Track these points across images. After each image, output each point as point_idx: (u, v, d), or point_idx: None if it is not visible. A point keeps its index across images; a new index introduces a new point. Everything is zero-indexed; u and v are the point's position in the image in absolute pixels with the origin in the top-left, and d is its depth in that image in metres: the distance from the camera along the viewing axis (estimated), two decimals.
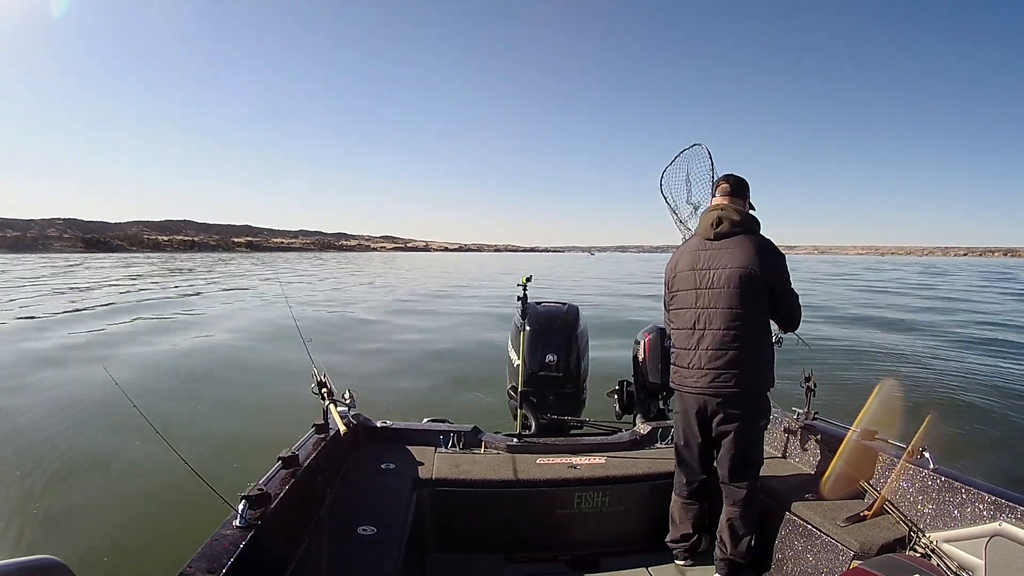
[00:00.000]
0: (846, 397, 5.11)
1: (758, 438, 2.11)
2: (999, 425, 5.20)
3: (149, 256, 69.64)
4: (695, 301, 2.06)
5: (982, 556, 1.63)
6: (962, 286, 26.33)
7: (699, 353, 2.03)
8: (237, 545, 1.36)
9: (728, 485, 2.08)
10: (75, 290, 19.02)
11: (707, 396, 2.03)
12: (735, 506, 2.05)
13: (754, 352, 2.00)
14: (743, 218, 2.07)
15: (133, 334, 10.07)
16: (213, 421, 5.31)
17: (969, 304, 15.50)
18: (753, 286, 1.97)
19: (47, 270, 31.48)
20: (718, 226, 2.06)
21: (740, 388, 1.98)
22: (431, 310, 14.02)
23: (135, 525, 3.40)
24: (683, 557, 2.23)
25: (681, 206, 3.12)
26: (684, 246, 2.23)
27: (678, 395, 2.19)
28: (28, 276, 26.94)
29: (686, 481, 2.21)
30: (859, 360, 7.71)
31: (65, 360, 7.80)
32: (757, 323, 2.02)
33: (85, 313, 13.03)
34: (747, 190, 2.20)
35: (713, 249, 2.06)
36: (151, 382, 6.69)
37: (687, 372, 2.08)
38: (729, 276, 1.98)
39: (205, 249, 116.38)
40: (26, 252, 71.38)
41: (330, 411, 2.23)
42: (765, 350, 2.05)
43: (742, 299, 1.97)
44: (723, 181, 2.21)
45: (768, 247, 2.03)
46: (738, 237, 2.03)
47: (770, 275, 1.99)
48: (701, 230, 2.13)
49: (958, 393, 6.29)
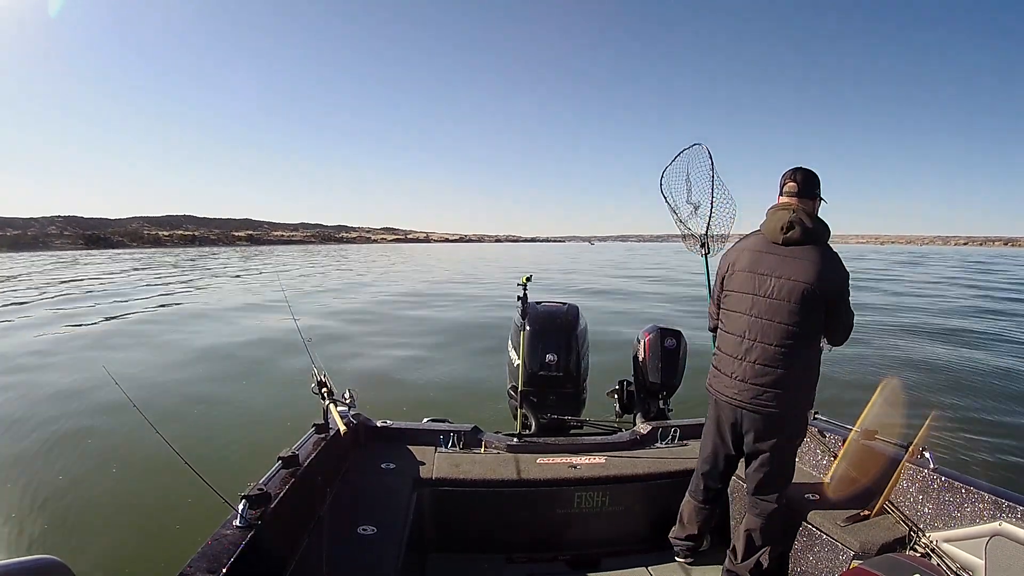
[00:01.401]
0: (846, 397, 5.11)
1: (793, 454, 2.00)
2: (999, 425, 5.20)
3: (145, 251, 69.52)
4: (750, 307, 1.91)
5: (982, 556, 1.64)
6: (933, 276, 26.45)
7: (745, 365, 1.90)
8: (237, 545, 1.36)
9: (755, 497, 1.99)
10: (73, 287, 19.03)
11: (746, 411, 1.92)
12: (759, 518, 1.97)
13: (804, 372, 1.88)
14: (816, 226, 1.87)
15: (132, 334, 10.07)
16: (213, 421, 5.31)
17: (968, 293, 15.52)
18: (815, 303, 1.81)
19: (46, 266, 31.57)
20: (788, 231, 1.86)
21: (783, 409, 1.87)
22: (431, 310, 14.02)
23: (135, 525, 3.40)
24: (684, 556, 2.22)
25: (681, 206, 3.13)
26: (745, 243, 2.01)
27: (712, 401, 2.06)
28: (23, 274, 26.96)
29: (704, 487, 2.13)
30: (859, 359, 7.71)
31: (64, 359, 7.80)
32: (812, 342, 1.88)
33: (83, 311, 13.03)
34: (818, 187, 1.94)
35: (779, 255, 1.88)
36: (151, 382, 6.69)
37: (728, 381, 1.95)
38: (792, 289, 1.82)
39: (206, 243, 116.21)
40: (26, 250, 71.31)
41: (330, 411, 2.23)
42: (814, 370, 1.91)
43: (802, 316, 1.82)
44: (791, 178, 1.94)
45: (836, 262, 1.86)
46: (808, 247, 1.85)
47: (834, 293, 1.83)
48: (768, 230, 1.92)
49: (958, 393, 6.29)
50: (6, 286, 20.97)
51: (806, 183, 1.92)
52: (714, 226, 2.97)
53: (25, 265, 36.71)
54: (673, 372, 3.06)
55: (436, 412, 3.11)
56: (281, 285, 20.71)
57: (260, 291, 18.46)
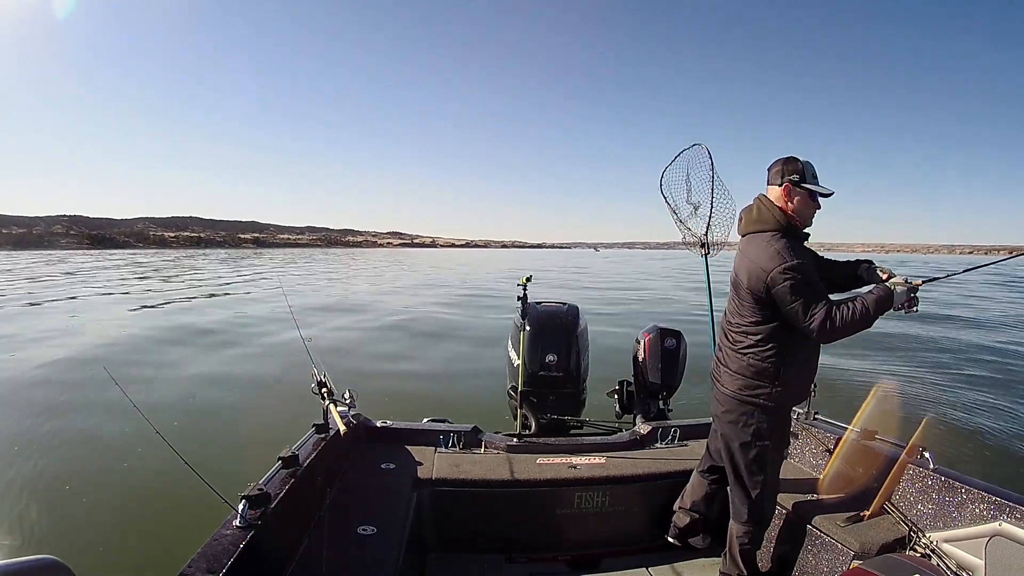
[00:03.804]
0: (846, 397, 5.10)
1: (763, 448, 2.00)
2: (999, 425, 5.19)
3: (146, 253, 69.14)
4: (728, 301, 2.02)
5: (982, 556, 1.63)
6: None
7: (720, 354, 2.01)
8: (237, 545, 1.36)
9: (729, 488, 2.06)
10: (74, 286, 19.03)
11: (717, 398, 2.03)
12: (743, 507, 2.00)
13: (758, 363, 1.91)
14: (760, 214, 1.87)
15: (132, 334, 10.07)
16: (213, 421, 5.31)
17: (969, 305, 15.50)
18: (753, 291, 1.84)
19: (50, 267, 31.49)
20: (739, 222, 1.96)
21: (743, 397, 1.94)
22: (431, 309, 14.02)
23: (135, 525, 3.40)
24: (680, 541, 2.24)
25: (681, 206, 3.13)
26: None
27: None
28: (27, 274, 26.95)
29: (709, 467, 2.19)
30: (859, 358, 7.71)
31: (64, 359, 7.80)
32: (764, 331, 1.89)
33: (83, 310, 13.02)
34: (786, 173, 1.84)
35: (739, 249, 1.95)
36: (150, 382, 6.69)
37: (715, 371, 2.05)
38: (735, 281, 1.91)
39: (212, 245, 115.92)
40: (30, 248, 71.23)
41: (330, 411, 2.23)
42: (772, 361, 1.90)
43: (745, 305, 1.89)
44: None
45: (768, 250, 1.78)
46: (748, 237, 1.90)
47: (766, 280, 1.77)
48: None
49: (958, 392, 6.29)
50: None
51: (769, 171, 1.90)
52: (714, 226, 2.97)
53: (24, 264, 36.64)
54: (673, 372, 3.06)
55: (436, 412, 3.11)
56: (281, 286, 20.71)
57: (260, 291, 18.46)
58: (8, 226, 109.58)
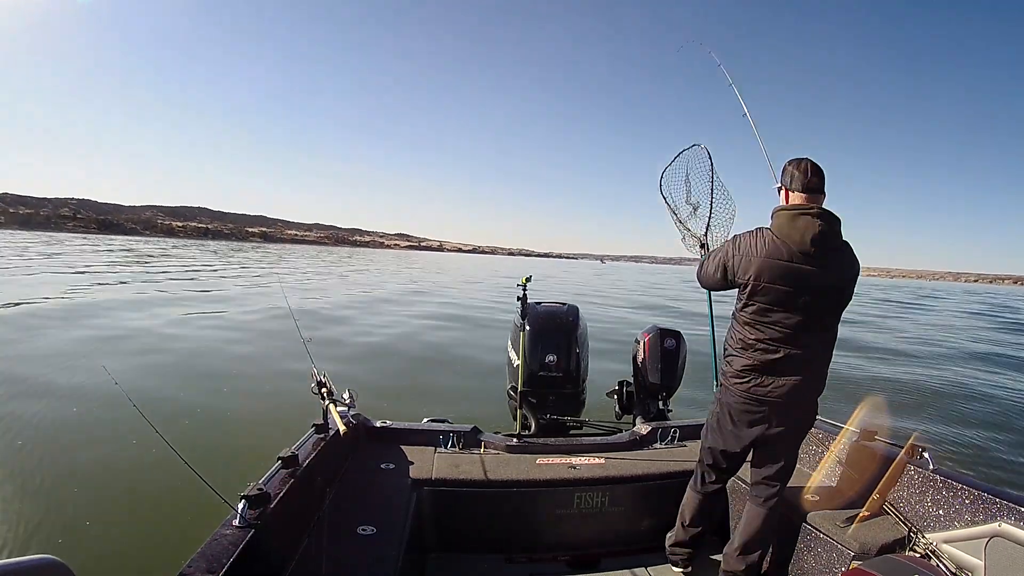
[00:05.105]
0: (846, 397, 5.10)
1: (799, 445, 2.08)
2: (999, 425, 5.19)
3: (148, 241, 68.90)
4: (786, 318, 1.79)
5: (982, 556, 1.63)
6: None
7: (783, 366, 1.83)
8: (237, 545, 1.36)
9: (762, 489, 2.00)
10: (71, 274, 18.99)
11: (778, 407, 1.88)
12: (766, 511, 1.97)
13: (826, 367, 1.90)
14: (840, 228, 1.80)
15: (131, 334, 10.07)
16: (213, 421, 5.31)
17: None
18: (844, 302, 1.84)
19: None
20: (822, 242, 1.75)
21: (811, 402, 1.91)
22: (431, 310, 14.02)
23: (135, 525, 3.40)
24: (683, 566, 2.16)
25: (681, 206, 3.12)
26: (764, 248, 1.81)
27: (731, 396, 1.97)
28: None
29: (710, 480, 2.11)
30: (859, 359, 7.71)
31: (64, 359, 7.80)
32: (834, 337, 1.90)
33: (81, 308, 13.02)
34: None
35: (812, 266, 1.75)
36: (150, 381, 6.68)
37: (761, 379, 1.87)
38: (827, 295, 1.79)
39: (219, 237, 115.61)
40: (37, 230, 71.15)
41: (330, 411, 2.23)
42: (830, 363, 1.91)
43: (834, 317, 1.84)
44: (814, 172, 1.80)
45: (855, 257, 1.84)
46: (837, 251, 1.80)
47: (854, 285, 1.87)
48: (795, 240, 1.76)
49: (958, 391, 6.29)
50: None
51: (823, 177, 1.80)
52: (714, 227, 2.97)
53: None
54: (673, 373, 3.06)
55: (436, 412, 3.12)
56: (282, 286, 20.71)
57: (260, 292, 18.45)
58: (15, 206, 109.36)
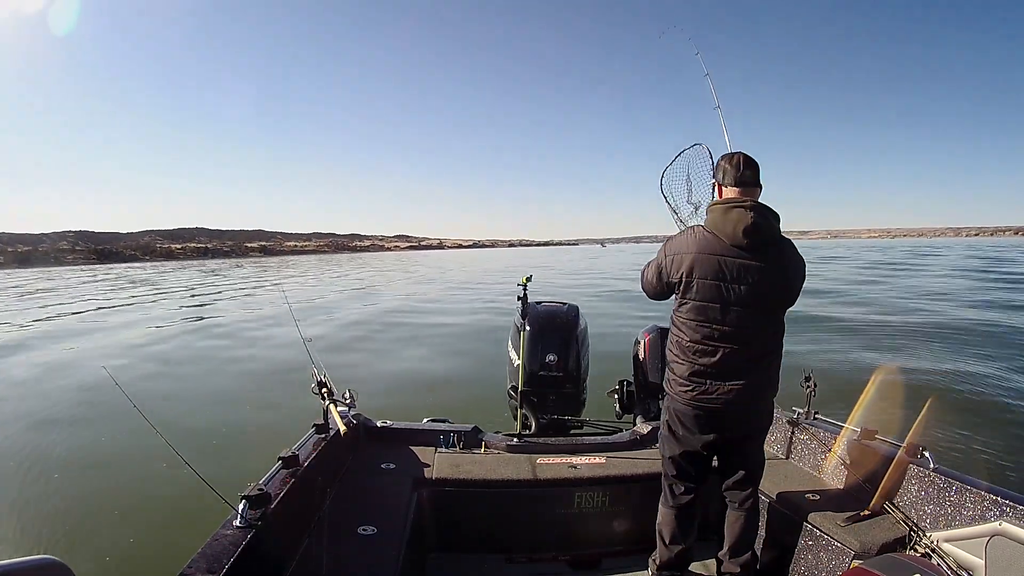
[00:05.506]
0: (846, 397, 5.10)
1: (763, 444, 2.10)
2: (999, 424, 5.19)
3: (144, 266, 68.67)
4: (721, 315, 1.80)
5: (982, 556, 1.63)
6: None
7: (724, 369, 1.83)
8: (237, 545, 1.36)
9: (736, 492, 2.01)
10: (76, 295, 19.01)
11: (728, 410, 1.88)
12: (746, 511, 1.98)
13: (774, 367, 1.93)
14: (776, 223, 1.82)
15: (133, 336, 10.07)
16: (213, 421, 5.31)
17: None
18: (786, 301, 1.85)
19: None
20: (754, 234, 1.75)
21: (763, 402, 1.95)
22: (431, 311, 14.03)
23: (135, 525, 3.40)
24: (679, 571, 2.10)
25: (682, 206, 3.12)
26: (695, 244, 1.84)
27: (678, 404, 1.99)
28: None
29: (680, 491, 2.06)
30: (859, 357, 7.71)
31: (66, 361, 7.80)
32: (779, 336, 1.90)
33: (86, 317, 13.03)
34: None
35: (745, 260, 1.76)
36: (152, 382, 6.69)
37: (704, 385, 1.87)
38: (765, 293, 1.79)
39: (219, 256, 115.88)
40: (37, 266, 71.13)
41: (330, 411, 2.23)
42: (779, 362, 1.94)
43: (773, 315, 1.84)
44: (746, 164, 1.82)
45: (799, 258, 1.86)
46: (774, 247, 1.81)
47: (799, 288, 1.87)
48: (726, 233, 1.77)
49: (957, 391, 6.29)
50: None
51: (758, 171, 1.82)
52: None
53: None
54: None
55: (436, 412, 3.11)
56: (282, 288, 20.72)
57: (260, 293, 18.46)
58: (13, 244, 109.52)
